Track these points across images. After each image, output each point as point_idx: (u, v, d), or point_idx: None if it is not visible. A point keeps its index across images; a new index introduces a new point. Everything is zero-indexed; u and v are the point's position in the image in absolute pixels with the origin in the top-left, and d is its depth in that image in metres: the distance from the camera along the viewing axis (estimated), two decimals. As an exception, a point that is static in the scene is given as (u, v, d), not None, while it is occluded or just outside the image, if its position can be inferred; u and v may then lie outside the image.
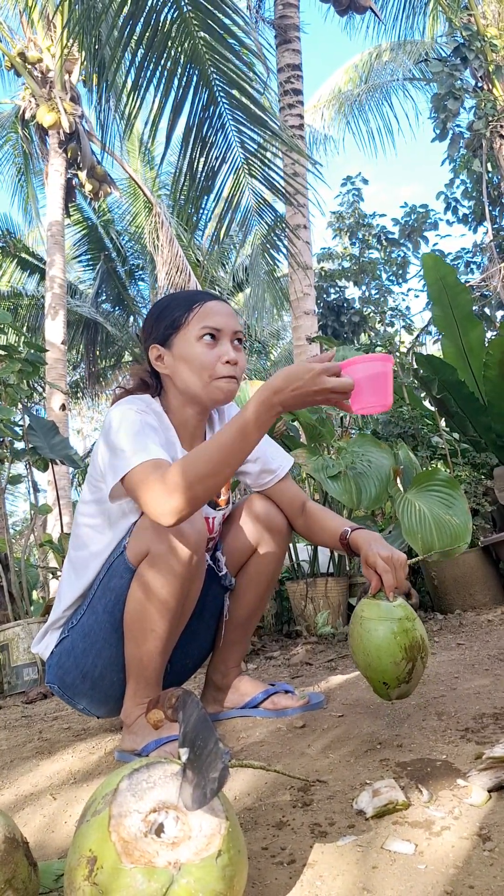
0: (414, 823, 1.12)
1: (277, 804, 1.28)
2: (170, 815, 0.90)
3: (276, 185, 5.98)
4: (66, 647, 1.72)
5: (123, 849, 0.85)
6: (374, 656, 1.46)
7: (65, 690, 1.76)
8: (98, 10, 4.97)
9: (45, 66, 10.37)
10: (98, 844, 0.86)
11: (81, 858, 0.87)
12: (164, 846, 0.87)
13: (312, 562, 3.44)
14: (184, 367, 1.66)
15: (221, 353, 1.64)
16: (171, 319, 1.67)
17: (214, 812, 0.91)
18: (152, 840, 0.87)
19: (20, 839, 0.97)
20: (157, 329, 1.70)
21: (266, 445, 1.87)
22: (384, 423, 4.10)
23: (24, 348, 3.93)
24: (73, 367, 15.22)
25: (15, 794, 1.60)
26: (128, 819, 0.88)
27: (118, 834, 0.86)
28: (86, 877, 0.85)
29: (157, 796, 0.91)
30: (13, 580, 3.68)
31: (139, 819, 0.88)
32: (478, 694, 1.79)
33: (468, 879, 0.95)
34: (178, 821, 0.90)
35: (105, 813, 0.88)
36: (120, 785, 0.91)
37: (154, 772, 0.94)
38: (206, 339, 1.63)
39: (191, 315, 1.65)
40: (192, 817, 0.90)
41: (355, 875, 1.00)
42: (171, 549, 1.54)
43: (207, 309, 1.66)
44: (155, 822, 0.89)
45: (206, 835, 0.88)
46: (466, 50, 8.42)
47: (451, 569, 3.50)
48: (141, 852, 0.85)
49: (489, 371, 4.24)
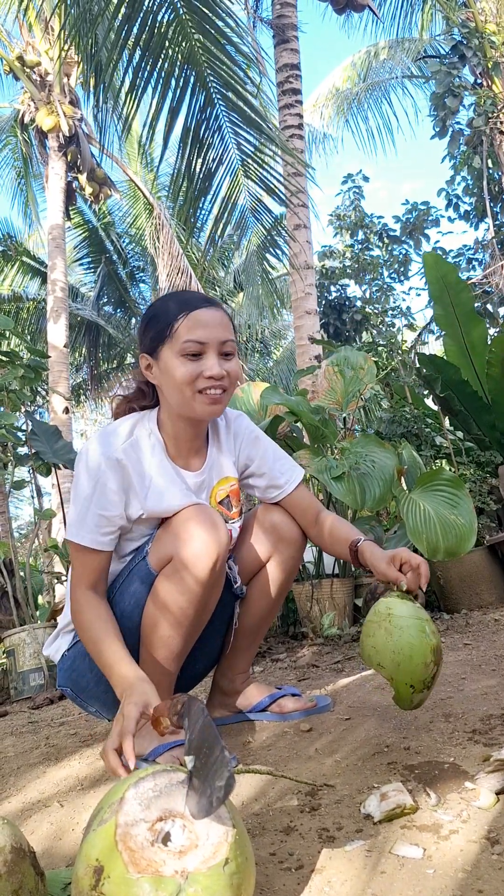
0: (422, 827, 1.11)
1: (285, 809, 1.28)
2: (176, 823, 0.89)
3: (272, 187, 5.97)
4: (81, 649, 1.70)
5: (130, 858, 0.84)
6: (406, 655, 1.39)
7: (77, 693, 1.76)
8: (95, 13, 4.97)
9: (44, 69, 10.38)
10: (105, 854, 0.86)
11: (88, 868, 0.86)
12: (171, 855, 0.86)
13: (318, 563, 3.44)
14: (168, 382, 1.60)
15: (204, 368, 1.56)
16: (157, 330, 1.61)
17: (221, 820, 0.90)
18: (159, 849, 0.86)
19: (27, 848, 0.96)
20: (145, 338, 1.66)
21: (274, 460, 1.84)
22: (387, 422, 4.09)
23: (26, 353, 3.93)
24: (76, 369, 15.22)
25: (22, 801, 1.60)
26: (134, 828, 0.87)
27: (125, 843, 0.85)
28: (93, 886, 0.84)
29: (163, 805, 0.91)
30: (18, 585, 3.67)
31: (146, 828, 0.88)
32: (485, 695, 1.79)
33: (477, 884, 0.95)
34: (184, 829, 0.89)
35: (112, 822, 0.88)
36: (126, 794, 0.91)
37: (160, 780, 0.94)
38: (188, 354, 1.56)
39: (175, 326, 1.58)
40: (199, 825, 0.90)
41: (364, 880, 1.00)
42: (195, 557, 1.54)
43: (192, 320, 1.57)
44: (161, 830, 0.88)
45: (213, 843, 0.88)
46: (465, 48, 8.39)
47: (456, 568, 3.49)
48: (148, 861, 0.84)
49: (492, 369, 4.24)
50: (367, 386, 3.47)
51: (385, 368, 4.62)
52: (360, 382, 3.48)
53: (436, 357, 4.37)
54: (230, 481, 1.79)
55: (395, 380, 4.56)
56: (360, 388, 3.47)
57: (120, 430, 1.65)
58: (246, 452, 1.83)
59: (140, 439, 1.65)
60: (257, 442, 1.85)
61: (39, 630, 3.33)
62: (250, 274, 13.25)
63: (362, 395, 3.47)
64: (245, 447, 1.83)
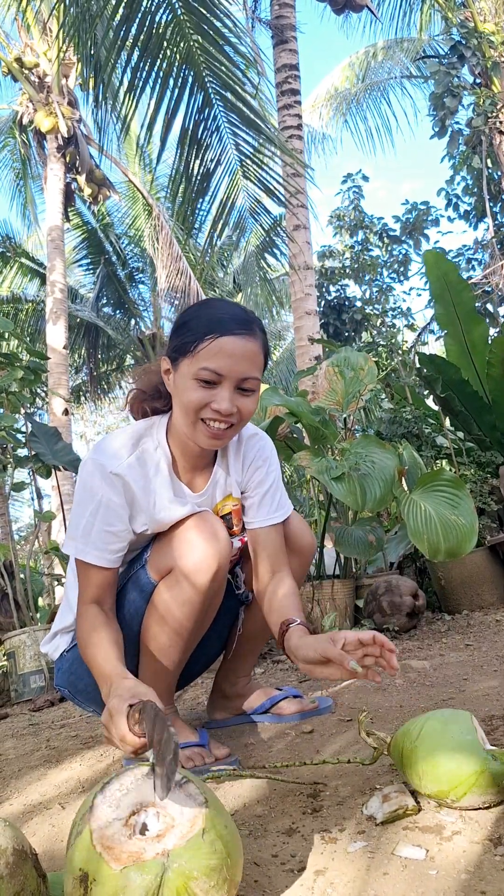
0: (424, 828, 1.11)
1: (287, 811, 1.27)
2: (150, 812, 0.93)
3: (270, 188, 5.97)
4: (77, 654, 1.69)
5: (111, 856, 0.87)
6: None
7: (75, 695, 1.75)
8: (93, 14, 4.97)
9: (42, 70, 10.38)
10: (86, 861, 0.88)
11: (74, 880, 0.89)
12: (149, 841, 0.89)
13: (318, 564, 3.43)
14: (177, 397, 1.54)
15: (214, 400, 1.47)
16: (182, 342, 1.50)
17: (192, 797, 0.94)
18: (137, 840, 0.89)
19: (29, 851, 0.96)
20: (171, 342, 1.56)
21: (273, 491, 1.74)
22: (388, 423, 4.09)
23: (26, 355, 3.93)
24: (76, 371, 15.21)
25: (23, 803, 1.59)
26: (109, 829, 0.90)
27: (102, 844, 0.88)
28: (82, 894, 0.86)
29: (133, 800, 0.94)
30: (18, 587, 3.67)
31: (120, 825, 0.91)
32: (487, 696, 1.79)
33: (480, 885, 0.94)
34: (159, 816, 0.92)
35: (86, 830, 0.90)
36: (94, 801, 0.93)
37: (125, 779, 0.96)
38: (202, 380, 1.46)
39: (200, 347, 1.46)
40: (173, 808, 0.92)
41: (366, 881, 0.99)
42: (195, 567, 1.51)
43: (218, 346, 1.45)
44: (137, 823, 0.91)
45: (188, 819, 0.91)
46: (463, 47, 8.40)
47: (457, 569, 3.49)
48: (128, 854, 0.87)
49: (493, 369, 4.23)
50: (368, 386, 3.47)
51: (385, 369, 4.62)
52: (361, 383, 3.48)
53: (436, 357, 4.37)
54: (233, 500, 1.73)
55: (396, 380, 4.56)
56: (360, 389, 3.47)
57: (125, 442, 1.58)
58: (250, 475, 1.75)
59: (146, 453, 1.59)
60: (264, 466, 1.75)
61: (40, 632, 3.33)
62: (249, 274, 13.25)
63: (362, 396, 3.47)
64: (251, 471, 1.75)
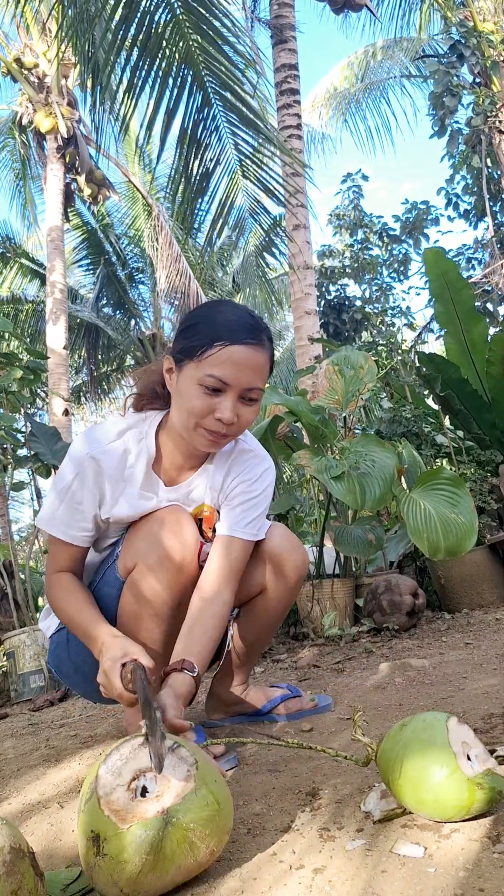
0: (423, 826, 1.10)
1: (285, 809, 1.27)
2: (147, 777, 1.06)
3: (270, 188, 5.97)
4: (62, 638, 1.73)
5: (118, 817, 1.00)
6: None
7: (61, 677, 1.82)
8: (92, 14, 4.97)
9: (42, 71, 10.39)
10: (96, 823, 1.00)
11: (87, 841, 1.01)
12: (150, 802, 1.02)
13: (318, 563, 3.43)
14: (178, 400, 1.53)
15: (217, 408, 1.47)
16: (189, 345, 1.49)
17: (184, 759, 1.08)
18: (139, 801, 1.03)
19: (26, 849, 0.96)
20: (177, 343, 1.55)
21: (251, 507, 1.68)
22: (388, 422, 4.09)
23: (26, 355, 3.93)
24: (76, 371, 15.21)
25: (22, 802, 1.59)
26: (113, 794, 1.03)
27: (109, 808, 1.01)
28: (95, 853, 0.99)
29: (132, 767, 1.07)
30: (18, 587, 3.67)
31: (123, 790, 1.04)
32: (486, 694, 1.78)
33: (478, 882, 0.94)
34: (156, 780, 1.05)
35: (94, 797, 1.02)
36: (99, 771, 1.06)
37: (124, 749, 1.09)
38: (207, 387, 1.46)
39: (207, 353, 1.45)
40: (167, 770, 1.06)
41: (365, 879, 0.99)
42: (160, 561, 1.54)
43: (227, 354, 1.45)
44: (138, 787, 1.04)
45: (181, 779, 1.05)
46: (463, 47, 8.40)
47: (457, 567, 3.48)
48: (133, 814, 1.00)
49: (492, 368, 4.23)
50: (367, 385, 3.46)
51: (385, 368, 4.62)
52: (360, 382, 3.48)
53: (436, 356, 4.36)
54: (205, 508, 1.70)
55: (396, 379, 4.56)
56: (360, 388, 3.47)
57: (110, 430, 1.60)
58: (232, 487, 1.69)
59: (128, 443, 1.59)
60: (248, 482, 1.69)
61: (39, 632, 3.33)
62: (249, 274, 13.25)
63: (362, 395, 3.47)
64: (235, 484, 1.69)
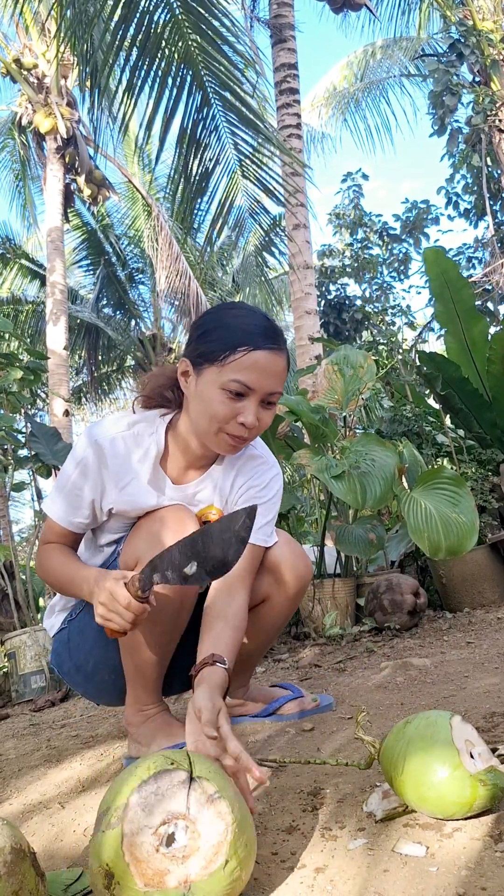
0: (425, 825, 1.10)
1: (287, 808, 1.27)
2: (179, 825, 0.94)
3: (270, 188, 5.97)
4: (64, 638, 1.74)
5: (137, 869, 0.90)
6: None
7: (63, 676, 1.82)
8: (90, 14, 4.97)
9: (41, 71, 10.39)
10: (114, 861, 0.92)
11: (100, 869, 0.93)
12: (174, 861, 0.91)
13: (319, 563, 3.43)
14: (198, 404, 1.51)
15: (240, 412, 1.47)
16: (211, 349, 1.48)
17: (221, 816, 0.94)
18: (163, 856, 0.92)
19: (27, 849, 0.96)
20: (195, 346, 1.52)
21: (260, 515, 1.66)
22: (388, 421, 4.09)
23: (26, 356, 3.93)
24: (76, 371, 15.22)
25: (23, 802, 1.59)
26: (139, 836, 0.92)
27: (132, 854, 0.91)
28: (105, 886, 0.92)
29: (166, 808, 0.95)
30: (19, 588, 3.67)
31: (150, 834, 0.92)
32: (488, 693, 1.78)
33: (480, 881, 0.94)
34: (187, 830, 0.94)
35: (118, 830, 0.93)
36: (130, 800, 0.95)
37: (162, 782, 0.97)
38: (231, 391, 1.45)
39: (231, 357, 1.44)
40: (201, 824, 0.94)
41: (366, 879, 0.99)
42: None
43: (251, 360, 1.44)
44: (166, 833, 0.93)
45: (212, 844, 0.92)
46: (462, 46, 8.40)
47: (459, 567, 3.48)
48: (154, 871, 0.91)
49: (493, 367, 4.23)
50: (368, 385, 3.46)
51: (385, 367, 4.62)
52: (360, 381, 3.48)
53: (436, 355, 4.36)
54: (213, 510, 1.70)
55: (396, 378, 4.55)
56: (360, 387, 3.46)
57: (120, 421, 1.60)
58: (241, 493, 1.69)
59: (138, 436, 1.59)
60: (256, 488, 1.69)
61: (40, 632, 3.33)
62: (249, 274, 13.25)
63: (362, 394, 3.46)
64: (244, 490, 1.69)
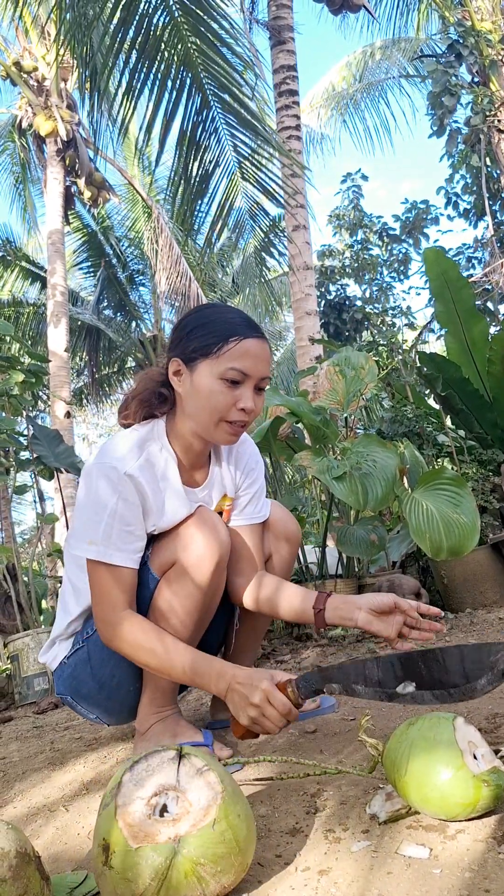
0: (428, 827, 1.11)
1: (290, 811, 1.27)
2: (170, 795, 1.02)
3: (269, 189, 5.97)
4: (82, 657, 1.69)
5: (130, 833, 0.97)
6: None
7: (79, 701, 1.75)
8: (90, 17, 4.98)
9: (41, 74, 10.40)
10: (109, 833, 0.98)
11: (99, 848, 0.99)
12: (165, 824, 0.98)
13: (321, 564, 3.43)
14: (196, 398, 1.56)
15: (239, 398, 1.53)
16: (203, 343, 1.54)
17: (211, 786, 1.02)
18: (155, 821, 0.99)
19: (32, 853, 0.96)
20: (184, 344, 1.58)
21: (260, 492, 1.83)
22: (389, 422, 4.09)
23: (27, 358, 3.93)
24: (77, 373, 15.23)
25: (27, 805, 1.59)
26: (132, 806, 1.00)
27: (124, 821, 0.98)
28: (104, 862, 0.97)
29: (157, 781, 1.02)
30: (21, 590, 3.67)
31: (142, 804, 1.00)
32: (490, 694, 1.78)
33: (484, 883, 0.94)
34: (178, 800, 1.01)
35: (112, 805, 1.00)
36: (123, 778, 1.03)
37: (152, 760, 1.05)
38: (228, 380, 1.52)
39: (224, 348, 1.52)
40: (191, 794, 1.01)
41: (370, 881, 0.99)
42: (198, 560, 1.55)
43: (243, 348, 1.53)
44: (158, 804, 1.01)
45: (202, 807, 1.00)
46: (461, 46, 8.40)
47: (460, 567, 3.48)
48: (145, 833, 0.97)
49: (493, 367, 4.23)
50: (368, 386, 3.47)
51: (386, 368, 4.62)
52: (361, 382, 3.48)
53: (436, 356, 4.37)
54: (228, 501, 1.78)
55: (397, 379, 4.56)
56: (361, 388, 3.47)
57: (131, 446, 1.59)
58: (244, 475, 1.80)
59: (152, 455, 1.61)
60: (256, 468, 1.83)
61: (43, 635, 3.33)
62: (248, 275, 13.25)
63: (363, 395, 3.47)
64: (245, 470, 1.81)
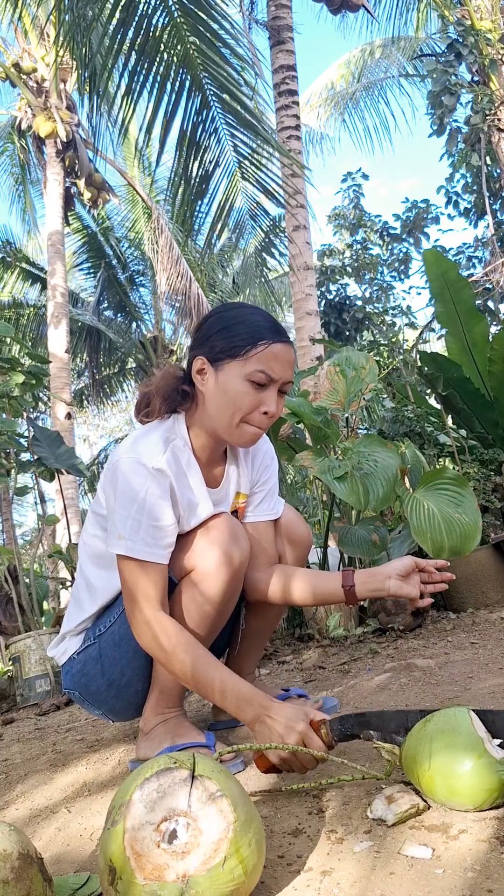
0: (431, 827, 1.10)
1: (293, 811, 1.27)
2: (180, 822, 0.96)
3: (269, 189, 5.98)
4: (93, 654, 1.70)
5: (137, 863, 0.92)
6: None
7: (86, 697, 1.75)
8: (89, 18, 4.98)
9: (41, 75, 10.41)
10: (116, 857, 0.94)
11: (105, 866, 0.96)
12: (174, 856, 0.93)
13: (322, 564, 3.43)
14: (220, 398, 1.57)
15: (263, 401, 1.56)
16: (231, 344, 1.56)
17: (223, 814, 0.96)
18: (163, 851, 0.94)
19: (34, 855, 0.96)
20: (211, 343, 1.59)
21: (274, 487, 1.85)
22: (390, 422, 4.09)
23: (27, 360, 3.93)
24: (78, 375, 15.24)
25: (29, 807, 1.59)
26: (140, 832, 0.94)
27: (132, 848, 0.93)
28: (110, 882, 0.95)
29: (167, 805, 0.97)
30: (23, 592, 3.67)
31: (151, 830, 0.95)
32: (492, 693, 1.78)
33: (486, 883, 0.94)
34: (188, 827, 0.95)
35: (121, 826, 0.95)
36: (133, 797, 0.97)
37: (164, 780, 0.99)
38: (255, 382, 1.54)
39: (253, 351, 1.54)
40: (202, 822, 0.95)
41: (372, 881, 0.99)
42: (217, 569, 1.55)
43: (272, 352, 1.55)
44: (167, 830, 0.95)
45: (213, 840, 0.94)
46: (460, 45, 8.40)
47: (462, 567, 3.48)
48: (153, 866, 0.92)
49: (494, 366, 4.22)
50: (369, 386, 3.46)
51: (387, 368, 4.62)
52: (362, 382, 3.47)
53: (437, 355, 4.36)
54: (243, 498, 1.79)
55: (397, 379, 4.55)
56: (361, 388, 3.46)
57: (157, 440, 1.58)
58: (259, 472, 1.82)
59: (177, 450, 1.61)
60: (271, 466, 1.85)
61: (45, 636, 3.33)
62: (249, 276, 13.25)
63: (364, 395, 3.46)
64: (260, 468, 1.82)
